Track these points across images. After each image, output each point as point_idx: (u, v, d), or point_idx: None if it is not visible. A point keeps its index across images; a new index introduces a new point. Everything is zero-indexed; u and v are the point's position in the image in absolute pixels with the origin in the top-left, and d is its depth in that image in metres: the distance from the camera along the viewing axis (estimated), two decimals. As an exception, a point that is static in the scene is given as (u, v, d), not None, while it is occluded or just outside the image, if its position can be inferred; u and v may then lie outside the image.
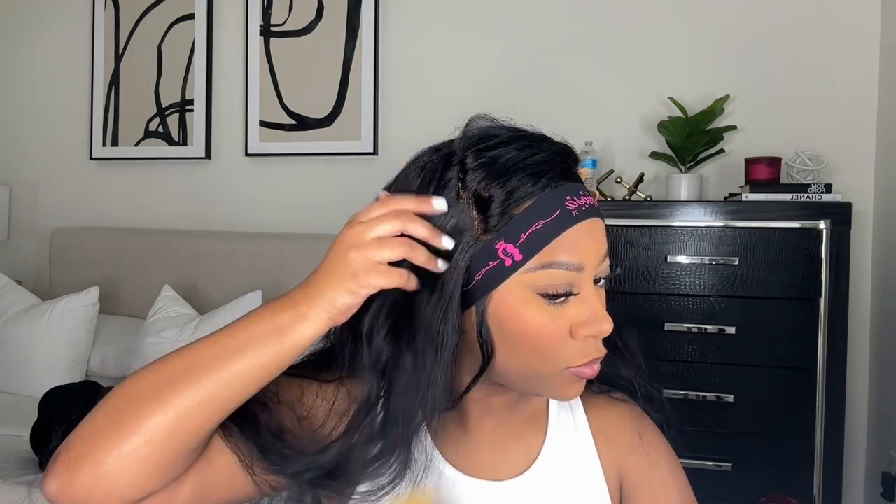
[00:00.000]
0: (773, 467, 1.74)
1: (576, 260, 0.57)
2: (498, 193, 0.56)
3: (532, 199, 0.57)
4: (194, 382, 0.52)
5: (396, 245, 0.53)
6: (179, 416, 0.51)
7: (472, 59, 2.36)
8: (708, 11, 2.15)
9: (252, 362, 0.53)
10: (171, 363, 0.53)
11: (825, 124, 2.06)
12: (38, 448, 1.62)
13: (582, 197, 0.59)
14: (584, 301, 0.58)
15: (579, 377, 0.60)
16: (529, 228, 0.56)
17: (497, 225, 0.56)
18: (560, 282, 0.57)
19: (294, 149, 2.51)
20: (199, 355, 0.53)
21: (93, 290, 2.30)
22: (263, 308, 0.55)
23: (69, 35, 2.81)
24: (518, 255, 0.56)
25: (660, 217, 1.82)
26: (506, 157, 0.58)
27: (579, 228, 0.57)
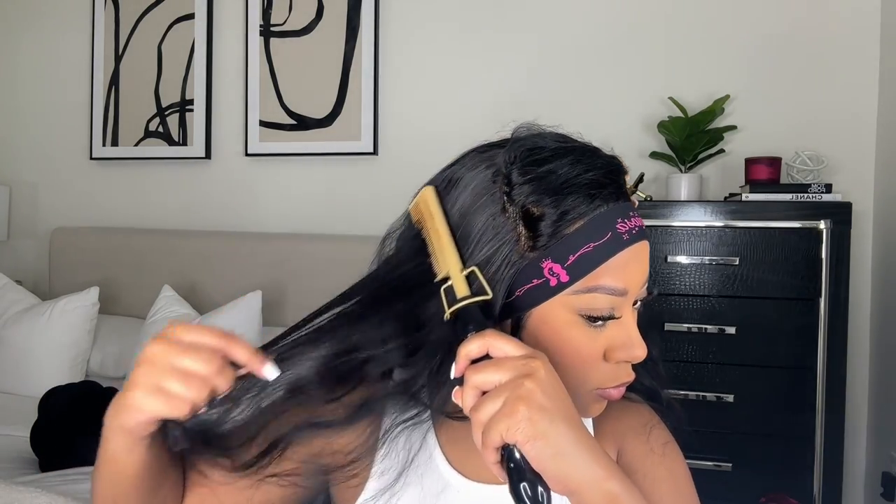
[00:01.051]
0: (773, 467, 1.74)
1: (621, 285, 0.56)
2: (549, 212, 0.55)
3: (583, 220, 0.56)
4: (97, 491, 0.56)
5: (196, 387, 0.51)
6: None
7: (472, 58, 2.36)
8: (708, 11, 2.15)
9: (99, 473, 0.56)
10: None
11: (825, 124, 2.06)
12: (38, 448, 1.62)
13: (632, 219, 0.58)
14: (622, 325, 0.58)
15: (605, 398, 0.60)
16: (579, 251, 0.55)
17: (546, 244, 0.55)
18: (603, 305, 0.56)
19: (294, 149, 2.51)
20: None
21: (93, 290, 2.30)
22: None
23: (69, 35, 2.81)
24: (565, 277, 0.55)
25: (660, 217, 1.82)
26: (558, 174, 0.57)
27: (628, 252, 0.57)
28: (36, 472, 1.59)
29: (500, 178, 0.57)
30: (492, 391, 0.49)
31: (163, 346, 0.51)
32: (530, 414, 0.47)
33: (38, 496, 1.25)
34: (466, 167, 0.60)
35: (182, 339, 0.52)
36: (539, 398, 0.47)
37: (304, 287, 2.30)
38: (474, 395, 0.50)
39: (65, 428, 1.59)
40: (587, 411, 0.62)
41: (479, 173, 0.58)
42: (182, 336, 0.52)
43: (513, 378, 0.48)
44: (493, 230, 0.56)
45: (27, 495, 1.25)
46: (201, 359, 0.51)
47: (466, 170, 0.60)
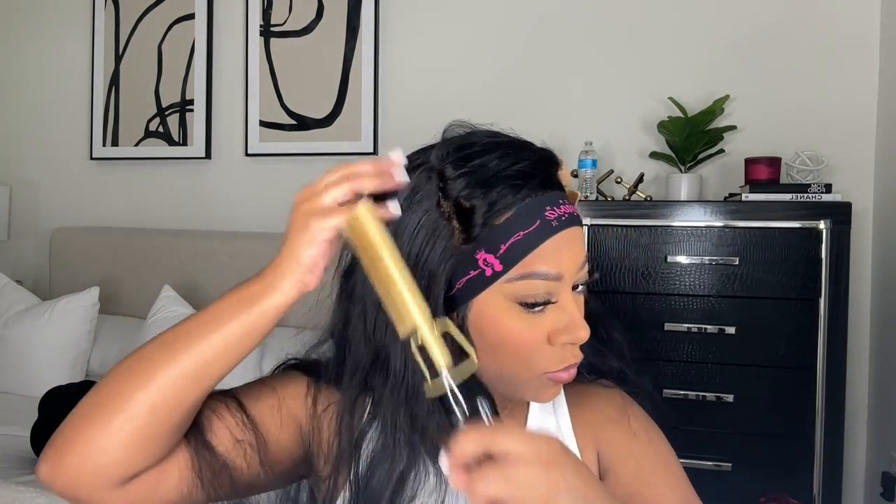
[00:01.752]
0: (773, 467, 1.74)
1: (554, 270, 0.58)
2: (479, 204, 0.57)
3: (512, 210, 0.57)
4: (171, 357, 0.53)
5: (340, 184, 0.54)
6: (160, 391, 0.53)
7: (472, 58, 2.36)
8: (708, 11, 2.15)
9: (224, 333, 0.54)
10: (152, 343, 0.56)
11: (825, 124, 2.06)
12: (38, 448, 1.62)
13: (562, 206, 0.59)
14: (562, 308, 0.59)
15: (556, 381, 0.61)
16: (510, 239, 0.57)
17: (478, 235, 0.57)
18: (539, 291, 0.57)
19: (294, 149, 2.51)
20: (175, 333, 0.55)
21: (93, 290, 2.30)
22: (235, 286, 0.57)
23: (69, 35, 2.81)
24: (498, 266, 0.57)
25: (660, 217, 1.82)
26: (486, 167, 0.58)
27: (559, 238, 0.58)
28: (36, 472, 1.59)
29: (434, 174, 0.59)
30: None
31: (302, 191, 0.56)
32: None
33: (37, 496, 1.25)
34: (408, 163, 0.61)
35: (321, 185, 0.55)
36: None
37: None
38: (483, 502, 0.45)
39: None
40: (542, 396, 0.63)
41: (413, 171, 0.59)
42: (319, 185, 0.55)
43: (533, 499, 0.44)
44: (429, 226, 0.58)
45: (27, 495, 1.25)
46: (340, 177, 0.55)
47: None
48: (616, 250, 1.83)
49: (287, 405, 0.64)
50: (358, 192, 0.54)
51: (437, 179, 0.59)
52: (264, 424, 0.62)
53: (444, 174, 0.59)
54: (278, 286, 0.54)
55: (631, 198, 2.02)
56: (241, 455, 0.59)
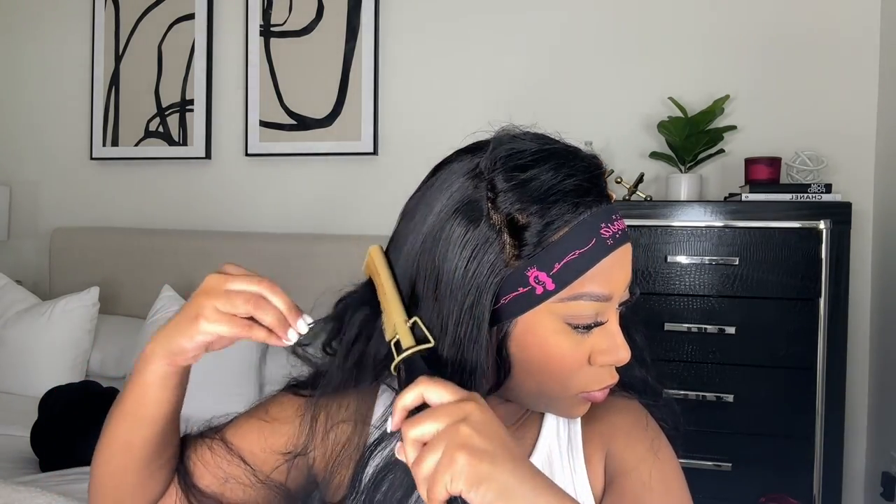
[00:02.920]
0: (773, 467, 1.74)
1: (606, 291, 0.56)
2: (535, 221, 0.55)
3: (568, 227, 0.55)
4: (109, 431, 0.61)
5: (242, 303, 0.55)
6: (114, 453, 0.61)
7: (472, 58, 2.36)
8: (708, 11, 2.15)
9: (126, 407, 0.59)
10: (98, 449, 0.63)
11: (825, 124, 2.06)
12: (38, 448, 1.62)
13: (615, 223, 0.58)
14: (607, 330, 0.58)
15: (590, 400, 0.60)
16: (564, 258, 0.55)
17: (532, 252, 0.55)
18: (588, 312, 0.56)
19: (294, 149, 2.51)
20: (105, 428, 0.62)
21: (93, 290, 2.30)
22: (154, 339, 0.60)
23: (69, 35, 2.81)
24: (550, 285, 0.55)
25: (660, 217, 1.82)
26: (540, 180, 0.56)
27: (613, 257, 0.56)
28: (36, 472, 1.59)
29: (484, 184, 0.57)
30: (430, 442, 0.47)
31: (219, 277, 0.56)
32: (470, 460, 0.45)
33: (37, 496, 1.25)
34: (448, 171, 0.60)
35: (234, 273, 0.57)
36: (477, 442, 0.46)
37: (305, 287, 2.30)
38: (415, 448, 0.48)
39: (65, 428, 1.60)
40: (571, 412, 0.62)
41: (460, 178, 0.58)
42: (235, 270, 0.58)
43: (448, 425, 0.47)
44: (478, 238, 0.55)
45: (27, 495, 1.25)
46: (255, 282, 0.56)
47: (447, 174, 0.60)
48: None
49: (277, 428, 0.66)
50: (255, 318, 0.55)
51: (487, 190, 0.56)
52: (253, 455, 0.65)
53: (494, 184, 0.56)
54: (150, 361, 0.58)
55: (631, 198, 2.02)
56: (233, 488, 0.63)
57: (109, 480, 0.61)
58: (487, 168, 0.57)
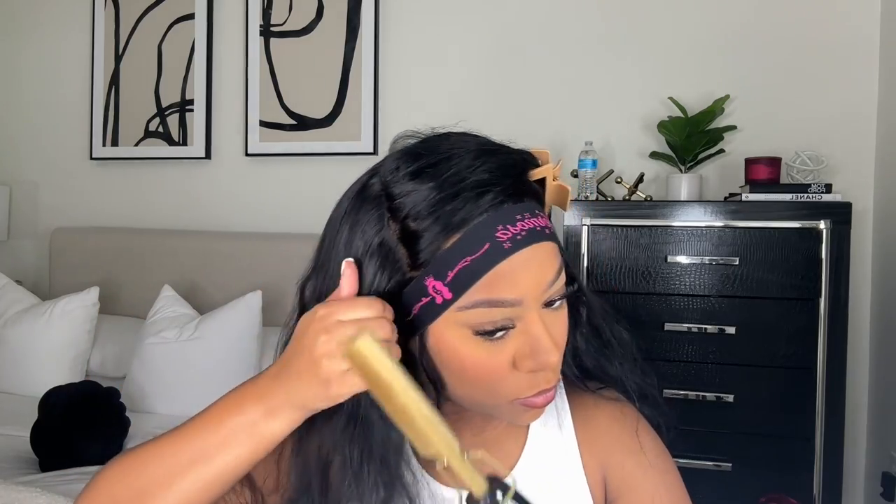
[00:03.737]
0: (773, 467, 1.74)
1: (511, 295, 0.53)
2: (424, 227, 0.53)
3: (459, 233, 0.52)
4: (173, 490, 0.53)
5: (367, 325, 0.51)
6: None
7: (472, 58, 2.36)
8: (708, 11, 2.15)
9: (228, 462, 0.53)
10: (148, 468, 0.54)
11: (825, 124, 2.06)
12: (38, 448, 1.62)
13: (518, 223, 0.53)
14: (526, 333, 0.54)
15: (530, 407, 0.57)
16: (457, 266, 0.52)
17: (427, 260, 0.53)
18: (495, 318, 0.53)
19: (294, 149, 2.51)
20: (174, 460, 0.53)
21: (93, 290, 2.30)
22: (232, 399, 0.55)
23: (69, 35, 2.81)
24: (448, 293, 0.53)
25: (660, 217, 1.82)
26: (435, 183, 0.54)
27: (513, 261, 0.53)
28: (36, 472, 1.59)
29: (383, 193, 0.56)
30: None
31: (333, 337, 0.51)
32: None
33: (37, 496, 1.25)
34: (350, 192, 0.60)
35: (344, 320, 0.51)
36: None
37: (304, 287, 2.30)
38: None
39: (65, 428, 1.59)
40: (518, 419, 0.59)
41: (368, 188, 0.57)
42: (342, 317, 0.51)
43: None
44: (378, 251, 0.55)
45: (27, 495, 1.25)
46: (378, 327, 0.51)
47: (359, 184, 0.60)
48: (616, 250, 1.83)
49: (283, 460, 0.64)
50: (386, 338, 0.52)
51: (386, 199, 0.55)
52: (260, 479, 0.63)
53: (391, 193, 0.55)
54: (281, 415, 0.53)
55: (631, 198, 2.02)
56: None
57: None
58: (386, 174, 0.56)
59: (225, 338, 2.05)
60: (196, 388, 1.98)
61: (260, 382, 0.54)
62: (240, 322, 2.07)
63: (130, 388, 2.05)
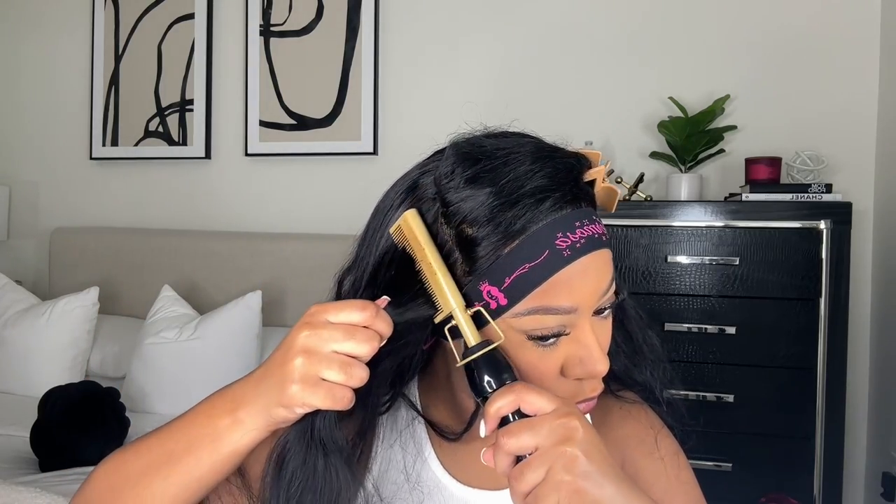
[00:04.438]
0: (773, 467, 1.74)
1: (567, 303, 0.52)
2: (484, 234, 0.52)
3: (518, 240, 0.52)
4: (142, 487, 0.53)
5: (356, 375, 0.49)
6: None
7: (473, 58, 2.36)
8: (708, 11, 2.15)
9: (191, 470, 0.52)
10: (128, 464, 0.54)
11: (825, 124, 2.06)
12: (38, 448, 1.62)
13: (578, 230, 0.53)
14: (577, 341, 0.54)
15: None
16: (514, 272, 0.52)
17: (483, 267, 0.53)
18: (549, 325, 0.53)
19: (294, 149, 2.51)
20: (148, 460, 0.53)
21: (93, 290, 2.30)
22: (211, 401, 0.54)
23: (69, 35, 2.81)
24: (503, 299, 0.52)
25: (660, 217, 1.82)
26: (493, 189, 0.53)
27: (572, 269, 0.52)
28: (36, 472, 1.59)
29: (438, 197, 0.54)
30: (531, 459, 0.46)
31: (317, 333, 0.49)
32: (577, 484, 0.45)
33: (38, 496, 1.25)
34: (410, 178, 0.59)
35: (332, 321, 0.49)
36: (583, 465, 0.46)
37: (304, 287, 2.30)
38: (509, 460, 0.48)
39: (65, 428, 1.59)
40: None
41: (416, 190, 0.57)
42: (331, 317, 0.49)
43: (553, 444, 0.46)
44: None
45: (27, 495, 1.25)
46: (362, 339, 0.49)
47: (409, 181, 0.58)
48: (616, 250, 1.83)
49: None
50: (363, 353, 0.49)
51: (441, 203, 0.54)
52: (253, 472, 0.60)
53: (446, 198, 0.54)
54: (246, 425, 0.51)
55: (631, 198, 2.02)
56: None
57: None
58: (442, 178, 0.55)
59: (225, 338, 2.05)
60: (196, 388, 1.98)
61: (238, 387, 0.53)
62: (240, 322, 2.07)
63: (130, 388, 2.05)
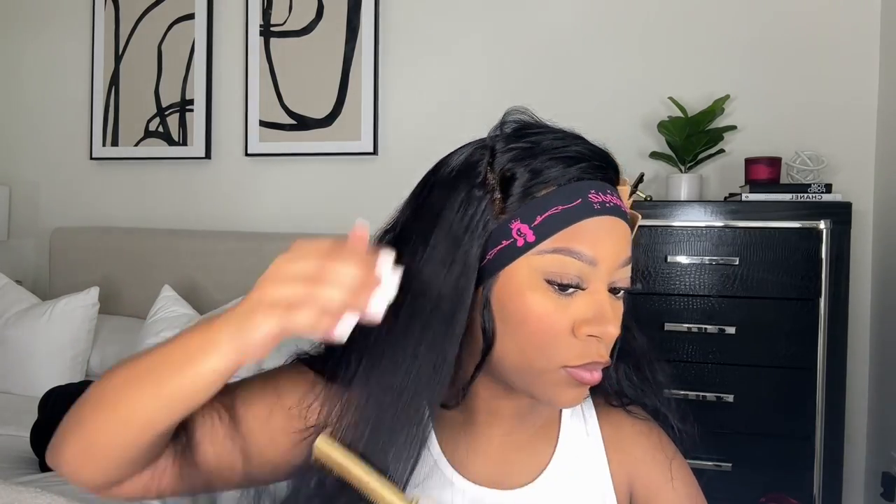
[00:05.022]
0: (773, 467, 1.74)
1: (590, 252, 0.55)
2: (521, 172, 0.56)
3: (555, 185, 0.56)
4: (127, 398, 0.52)
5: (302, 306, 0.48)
6: (120, 425, 0.52)
7: (473, 58, 2.36)
8: (708, 11, 2.15)
9: (160, 390, 0.51)
10: (120, 373, 0.54)
11: (825, 124, 2.06)
12: (38, 448, 1.62)
13: (609, 195, 0.58)
14: (593, 298, 0.56)
15: (576, 380, 0.57)
16: (547, 211, 0.55)
17: (517, 204, 0.56)
18: (570, 271, 0.55)
19: (294, 149, 2.51)
20: (135, 370, 0.53)
21: (93, 290, 2.30)
22: (183, 334, 0.52)
23: (69, 35, 2.81)
24: (531, 236, 0.55)
25: (660, 217, 1.82)
26: (540, 145, 0.58)
27: (599, 222, 0.56)
28: (36, 472, 1.59)
29: (487, 150, 0.59)
30: None
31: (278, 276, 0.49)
32: None
33: (37, 496, 1.25)
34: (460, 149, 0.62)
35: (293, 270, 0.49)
36: None
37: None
38: None
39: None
40: (561, 397, 0.58)
41: (468, 148, 0.61)
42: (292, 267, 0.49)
43: None
44: (471, 200, 0.57)
45: (27, 495, 1.25)
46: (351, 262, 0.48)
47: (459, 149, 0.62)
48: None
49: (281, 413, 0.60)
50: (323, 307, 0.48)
51: (489, 155, 0.58)
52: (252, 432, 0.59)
53: (494, 149, 0.59)
54: (219, 346, 0.49)
55: (630, 198, 2.01)
56: (225, 468, 0.59)
57: (103, 449, 0.53)
58: (492, 136, 0.60)
59: (225, 338, 2.04)
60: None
61: (211, 319, 0.52)
62: (240, 322, 2.07)
63: (130, 388, 2.05)
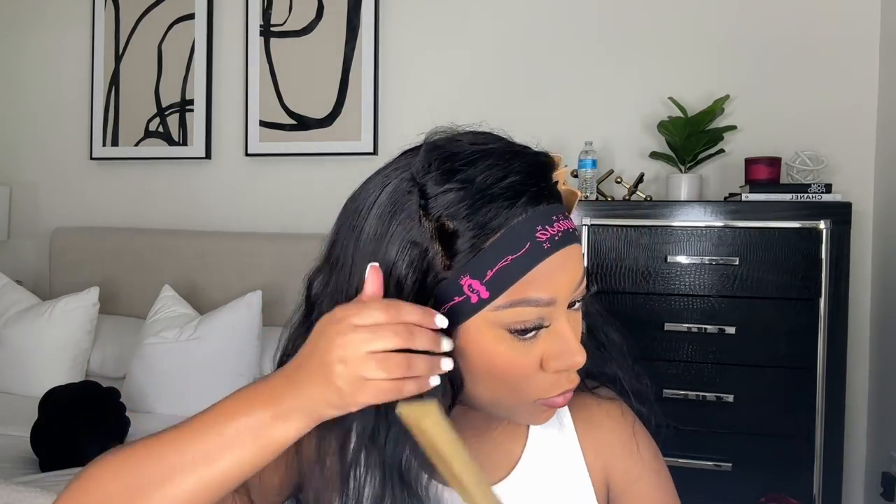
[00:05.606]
0: (773, 467, 1.74)
1: (547, 295, 0.53)
2: (463, 227, 0.53)
3: (499, 233, 0.53)
4: (170, 490, 0.50)
5: (395, 367, 0.48)
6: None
7: (473, 58, 2.36)
8: (708, 12, 2.15)
9: (231, 465, 0.50)
10: (146, 466, 0.51)
11: (825, 124, 2.06)
12: (38, 448, 1.62)
13: (556, 224, 0.54)
14: (556, 333, 0.55)
15: (550, 406, 0.58)
16: (497, 265, 0.52)
17: (462, 260, 0.53)
18: (530, 318, 0.53)
19: (294, 149, 2.51)
20: (175, 459, 0.50)
21: (93, 290, 2.30)
22: (240, 398, 0.52)
23: (69, 35, 2.81)
24: (485, 293, 0.53)
25: (660, 217, 1.82)
26: (472, 183, 0.53)
27: (551, 261, 0.53)
28: (36, 472, 1.59)
29: (416, 189, 0.54)
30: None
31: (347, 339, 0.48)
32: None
33: (37, 496, 1.25)
34: (383, 175, 0.58)
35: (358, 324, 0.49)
36: None
37: (304, 287, 2.30)
38: None
39: (65, 428, 1.59)
40: (534, 419, 0.60)
41: (396, 183, 0.56)
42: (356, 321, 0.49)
43: None
44: (410, 249, 0.53)
45: (27, 495, 1.25)
46: (389, 335, 0.48)
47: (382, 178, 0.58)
48: (616, 250, 1.83)
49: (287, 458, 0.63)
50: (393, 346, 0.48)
51: (419, 196, 0.54)
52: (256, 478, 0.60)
53: (425, 190, 0.54)
54: (291, 420, 0.50)
55: (631, 198, 2.02)
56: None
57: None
58: (420, 171, 0.55)
59: (225, 338, 2.05)
60: (196, 388, 1.98)
61: (271, 383, 0.52)
62: (240, 322, 2.07)
63: (130, 388, 2.05)
